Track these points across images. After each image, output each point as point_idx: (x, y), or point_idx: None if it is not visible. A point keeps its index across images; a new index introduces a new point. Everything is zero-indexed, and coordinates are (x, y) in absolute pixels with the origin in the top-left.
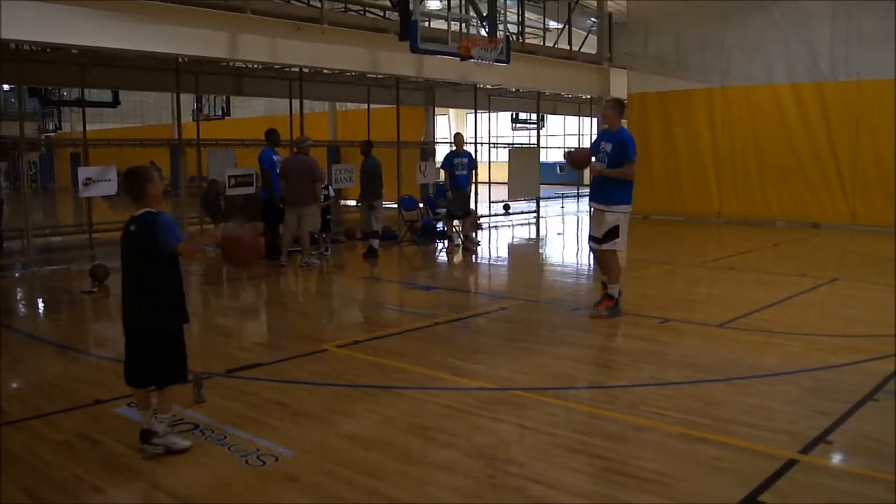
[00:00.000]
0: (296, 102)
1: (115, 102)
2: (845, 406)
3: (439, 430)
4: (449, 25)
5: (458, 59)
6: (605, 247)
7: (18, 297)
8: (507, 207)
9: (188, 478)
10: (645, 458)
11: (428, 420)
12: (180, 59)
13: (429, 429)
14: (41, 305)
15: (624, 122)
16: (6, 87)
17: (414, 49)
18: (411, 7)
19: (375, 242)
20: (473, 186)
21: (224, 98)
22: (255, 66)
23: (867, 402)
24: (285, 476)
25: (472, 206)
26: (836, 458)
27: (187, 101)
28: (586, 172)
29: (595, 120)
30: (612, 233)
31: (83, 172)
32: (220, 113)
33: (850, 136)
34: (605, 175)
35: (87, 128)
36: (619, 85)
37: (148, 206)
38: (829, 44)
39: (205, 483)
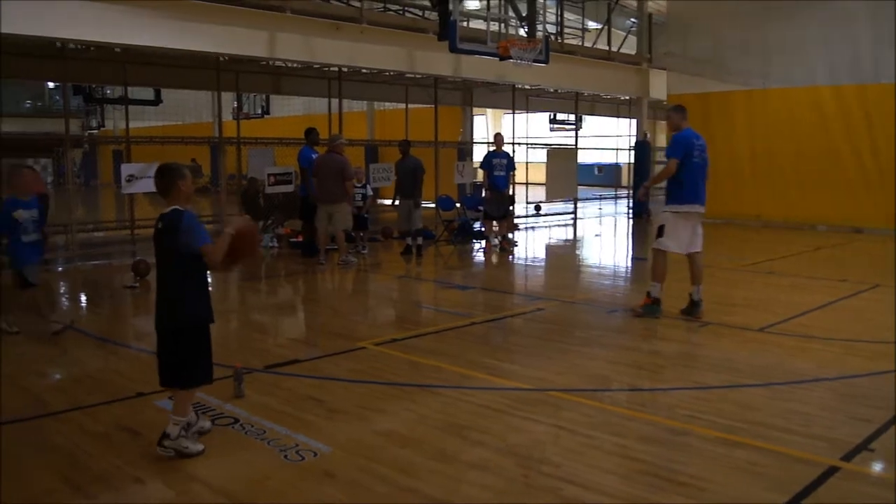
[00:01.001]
0: (334, 102)
1: (156, 100)
2: (887, 414)
3: (474, 429)
4: (488, 25)
5: (497, 59)
6: (653, 245)
7: (62, 291)
8: (538, 208)
9: (227, 471)
10: (681, 461)
11: (463, 419)
12: (221, 58)
13: (464, 428)
14: (84, 299)
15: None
16: (51, 84)
17: (453, 49)
18: (451, 7)
19: (420, 240)
20: (511, 187)
21: (263, 97)
22: (294, 65)
23: None
24: (322, 471)
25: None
26: (879, 467)
27: (227, 99)
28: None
29: (634, 121)
30: (659, 231)
31: (126, 169)
32: (260, 112)
33: (893, 139)
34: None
35: (130, 125)
36: (659, 86)
37: (177, 204)
38: (872, 45)
39: (243, 476)
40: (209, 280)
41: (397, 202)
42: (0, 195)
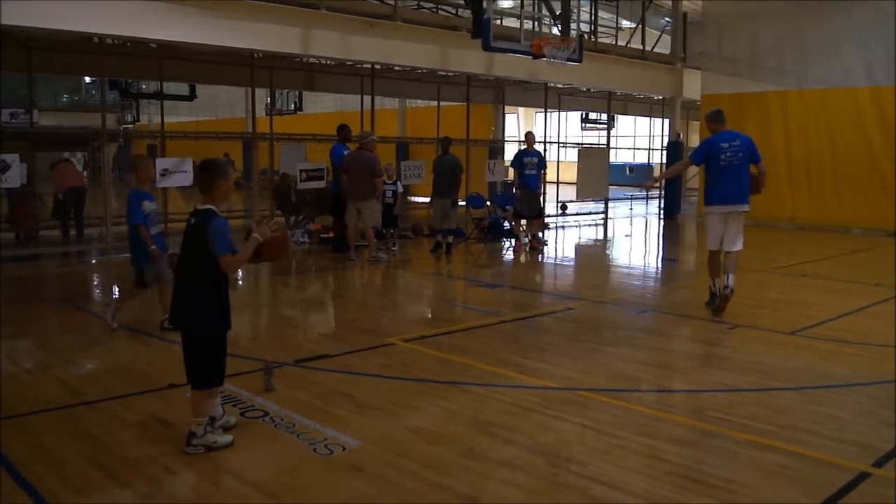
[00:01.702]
0: (367, 99)
1: (191, 96)
2: None
3: (503, 427)
4: (521, 23)
5: (531, 57)
6: None
7: (96, 283)
8: (564, 207)
9: (258, 463)
10: (710, 463)
11: (492, 416)
12: (255, 55)
13: (492, 425)
14: (117, 291)
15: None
16: (87, 79)
17: (486, 47)
18: (485, 5)
19: (450, 238)
20: (542, 186)
21: (296, 93)
22: (328, 61)
23: None
24: (351, 466)
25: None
26: None
27: (261, 95)
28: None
29: (667, 121)
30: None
31: (160, 164)
32: (293, 108)
33: None
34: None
35: (164, 120)
36: (693, 86)
37: (213, 202)
38: None
39: (273, 468)
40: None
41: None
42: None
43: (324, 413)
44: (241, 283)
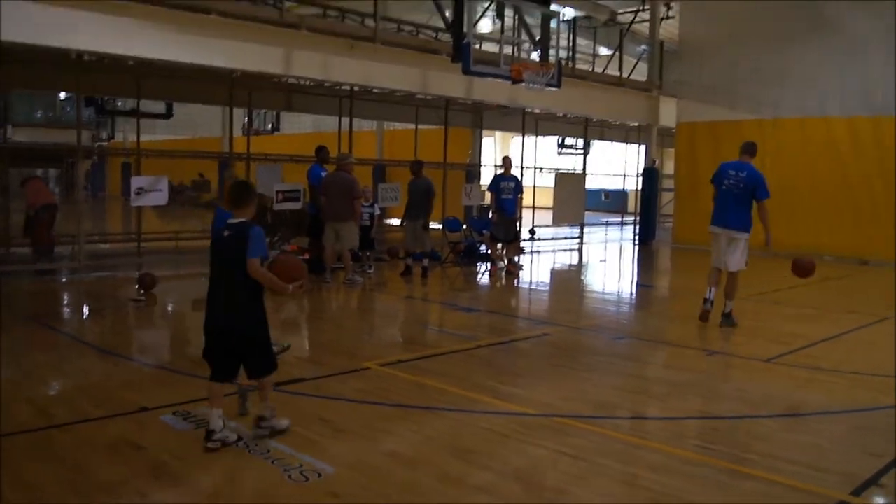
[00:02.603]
0: (345, 120)
1: (168, 114)
2: None
3: (480, 453)
4: (501, 48)
5: (510, 82)
6: None
7: (66, 302)
8: (532, 232)
9: (231, 489)
10: (692, 491)
11: (469, 442)
12: (234, 74)
13: (469, 451)
14: (89, 311)
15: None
16: (63, 95)
17: (466, 71)
18: (465, 29)
19: (426, 262)
20: (519, 210)
21: (273, 113)
22: (307, 82)
23: None
24: (327, 492)
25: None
26: (889, 502)
27: (238, 114)
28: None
29: (643, 147)
30: None
31: (136, 182)
32: (270, 128)
33: None
34: None
35: (140, 138)
36: (669, 113)
37: (244, 217)
38: (886, 76)
39: (247, 495)
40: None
41: (405, 222)
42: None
43: (299, 438)
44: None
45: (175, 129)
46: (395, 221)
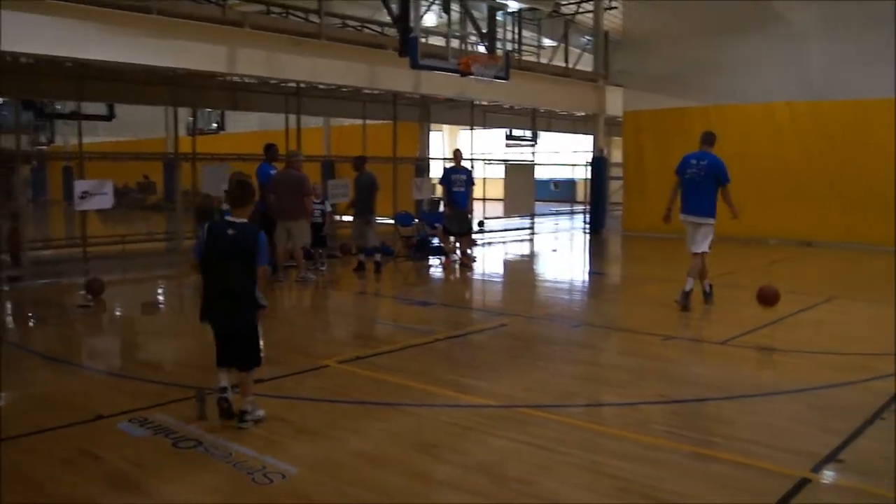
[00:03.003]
0: (292, 117)
1: (110, 116)
2: (853, 424)
3: (445, 448)
4: (448, 42)
5: (458, 75)
6: None
7: (11, 311)
8: (481, 224)
9: (194, 495)
10: (659, 477)
11: (433, 437)
12: (178, 74)
13: (434, 446)
14: (36, 319)
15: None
16: (0, 99)
17: (414, 65)
18: (411, 23)
19: (378, 256)
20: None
21: (218, 112)
22: (252, 80)
23: (875, 421)
24: (292, 494)
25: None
26: (849, 478)
27: (182, 114)
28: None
29: (590, 137)
30: None
31: (80, 186)
32: (215, 127)
33: (845, 154)
34: None
35: (82, 141)
36: (615, 102)
37: (245, 216)
38: (824, 63)
39: (210, 501)
40: None
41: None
42: None
43: (261, 440)
44: (162, 307)
45: (117, 131)
46: (348, 218)
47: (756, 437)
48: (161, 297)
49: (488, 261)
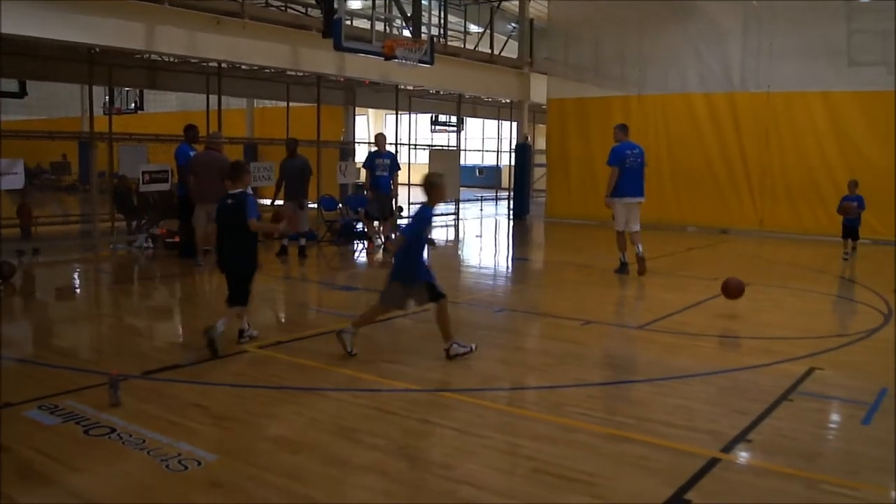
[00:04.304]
0: (213, 98)
1: (21, 93)
2: (762, 406)
3: (365, 433)
4: (373, 24)
5: (383, 58)
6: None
7: None
8: (399, 209)
9: (107, 484)
10: (573, 458)
11: (353, 422)
12: (93, 50)
13: (354, 431)
14: None
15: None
16: None
17: (338, 47)
18: (335, 5)
19: (303, 241)
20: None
21: (137, 91)
22: (171, 59)
23: (783, 403)
24: (209, 481)
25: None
26: (757, 457)
27: (98, 93)
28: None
29: (515, 124)
30: (613, 216)
31: None
32: (133, 107)
33: (759, 146)
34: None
35: None
36: (540, 90)
37: (242, 188)
38: (740, 57)
39: (124, 489)
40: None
41: (279, 202)
42: None
43: (176, 427)
44: (79, 290)
45: (30, 109)
46: (267, 201)
47: (668, 419)
48: (75, 282)
49: None
